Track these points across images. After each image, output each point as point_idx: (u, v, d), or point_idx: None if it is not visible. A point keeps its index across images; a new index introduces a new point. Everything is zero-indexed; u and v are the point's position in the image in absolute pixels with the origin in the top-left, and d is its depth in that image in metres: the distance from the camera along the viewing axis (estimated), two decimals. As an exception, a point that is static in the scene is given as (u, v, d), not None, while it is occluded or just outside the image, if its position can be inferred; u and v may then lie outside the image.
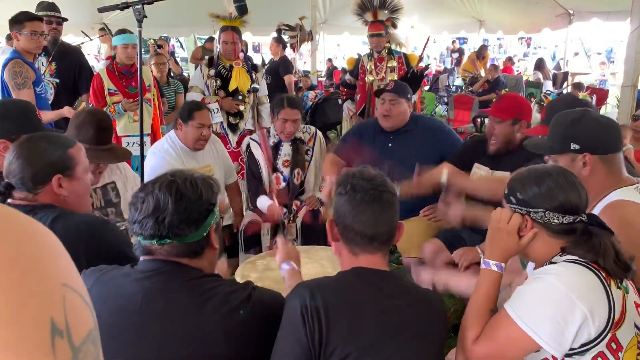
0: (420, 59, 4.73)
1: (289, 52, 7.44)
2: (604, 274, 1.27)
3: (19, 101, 2.26)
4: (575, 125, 1.69)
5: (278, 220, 3.01)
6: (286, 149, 3.16)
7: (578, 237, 1.34)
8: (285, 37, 7.59)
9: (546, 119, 2.21)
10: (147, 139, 3.55)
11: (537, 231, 1.37)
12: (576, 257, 1.31)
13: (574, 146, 1.67)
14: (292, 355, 1.18)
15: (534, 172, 1.42)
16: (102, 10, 2.55)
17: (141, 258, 1.30)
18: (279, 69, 6.15)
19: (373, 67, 4.59)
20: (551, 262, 1.36)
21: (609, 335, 1.24)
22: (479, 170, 2.71)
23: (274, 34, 7.16)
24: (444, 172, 2.42)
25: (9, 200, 1.54)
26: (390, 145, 3.10)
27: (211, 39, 9.17)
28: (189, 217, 1.25)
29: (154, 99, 4.01)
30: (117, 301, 1.23)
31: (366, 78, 4.61)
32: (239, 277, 2.18)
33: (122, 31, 3.83)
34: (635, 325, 1.32)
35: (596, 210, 1.66)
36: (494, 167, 2.65)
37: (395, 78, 4.51)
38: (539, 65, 11.00)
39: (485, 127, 2.73)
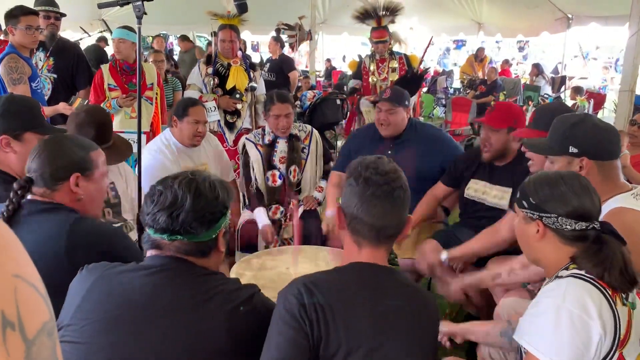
0: (422, 60, 4.74)
1: (287, 52, 7.44)
2: (610, 292, 1.25)
3: (24, 97, 2.25)
4: (575, 128, 1.68)
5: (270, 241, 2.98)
6: (282, 146, 3.16)
7: (589, 245, 1.31)
8: (284, 37, 7.60)
9: (534, 123, 2.21)
10: (142, 137, 3.53)
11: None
12: (582, 273, 1.28)
13: (572, 149, 1.67)
14: (292, 348, 1.17)
15: (547, 176, 1.41)
16: (101, 6, 2.53)
17: (148, 253, 1.31)
18: (283, 66, 6.22)
19: (375, 68, 4.60)
20: (557, 277, 1.33)
21: (617, 354, 1.22)
22: (476, 184, 2.71)
23: (273, 33, 7.18)
24: (444, 252, 2.40)
25: (29, 197, 1.56)
26: (389, 152, 3.07)
27: (184, 38, 8.85)
28: (203, 217, 1.26)
29: (156, 98, 3.99)
30: (123, 295, 1.23)
31: (369, 79, 4.62)
32: (233, 276, 2.18)
33: (124, 27, 3.85)
34: None
35: None
36: (491, 180, 2.65)
37: (396, 78, 4.51)
38: (540, 70, 10.92)
39: (480, 136, 2.72)
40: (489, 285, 2.22)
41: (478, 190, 2.69)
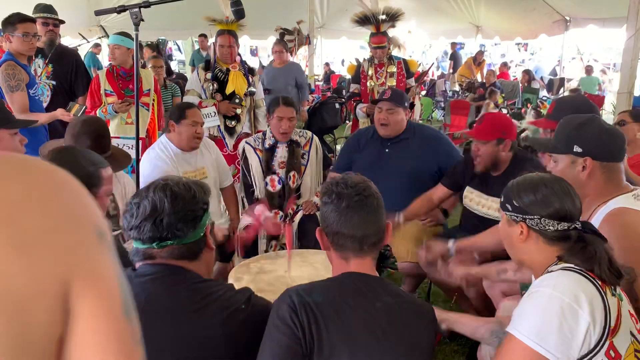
0: (421, 77, 4.74)
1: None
2: (599, 282, 1.28)
3: None
4: (581, 128, 1.70)
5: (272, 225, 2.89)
6: (282, 151, 3.16)
7: (573, 245, 1.35)
8: (282, 41, 7.62)
9: (552, 114, 2.22)
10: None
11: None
12: (572, 265, 1.31)
13: (576, 149, 1.68)
14: (285, 354, 1.18)
15: (529, 180, 1.44)
16: (98, 13, 2.54)
17: (139, 264, 1.31)
18: None
19: (373, 72, 4.61)
20: (548, 272, 1.35)
21: (607, 343, 1.24)
22: (470, 194, 2.71)
23: (272, 38, 7.21)
24: (450, 241, 2.36)
25: None
26: (387, 151, 3.11)
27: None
28: (185, 216, 1.27)
29: (153, 104, 3.99)
30: None
31: (367, 83, 4.63)
32: (232, 279, 2.18)
33: (120, 33, 3.85)
34: (631, 334, 1.31)
35: (596, 217, 1.66)
36: (485, 191, 2.64)
37: (394, 83, 4.52)
38: (531, 76, 10.86)
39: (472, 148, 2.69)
40: (494, 279, 2.20)
41: (473, 200, 2.69)
